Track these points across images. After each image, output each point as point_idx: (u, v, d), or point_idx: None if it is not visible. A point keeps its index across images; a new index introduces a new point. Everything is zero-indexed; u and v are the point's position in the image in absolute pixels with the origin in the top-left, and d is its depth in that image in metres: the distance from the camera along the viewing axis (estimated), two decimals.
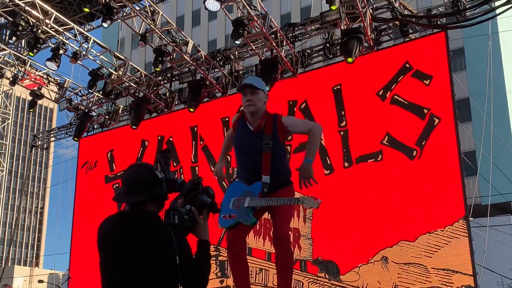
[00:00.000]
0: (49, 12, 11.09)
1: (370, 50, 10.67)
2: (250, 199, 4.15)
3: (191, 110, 11.96)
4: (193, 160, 12.70)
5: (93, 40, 11.74)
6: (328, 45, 11.12)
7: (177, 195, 2.82)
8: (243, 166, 4.42)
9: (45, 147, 17.08)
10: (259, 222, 4.57)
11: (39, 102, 14.11)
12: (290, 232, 4.41)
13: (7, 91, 26.03)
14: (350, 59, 9.92)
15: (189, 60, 11.50)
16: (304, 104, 11.33)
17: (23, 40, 12.68)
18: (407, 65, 10.26)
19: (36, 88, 13.60)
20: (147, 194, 2.62)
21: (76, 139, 14.02)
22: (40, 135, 17.08)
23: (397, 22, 10.43)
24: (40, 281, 33.56)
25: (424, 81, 10.00)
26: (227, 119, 12.41)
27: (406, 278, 9.36)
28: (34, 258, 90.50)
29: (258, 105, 4.33)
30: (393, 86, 10.29)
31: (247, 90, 4.33)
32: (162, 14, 10.95)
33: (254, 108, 4.32)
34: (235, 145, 4.49)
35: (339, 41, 10.66)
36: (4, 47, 12.52)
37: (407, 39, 10.59)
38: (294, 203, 4.11)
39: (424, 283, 9.20)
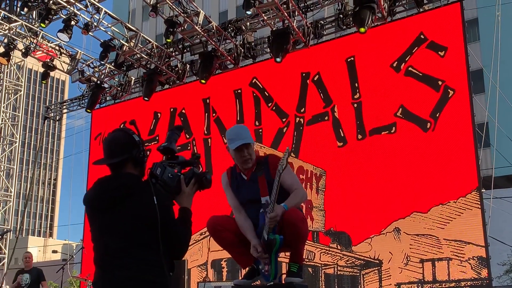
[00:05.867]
0: None
1: (383, 20, 10.55)
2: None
3: (203, 81, 11.94)
4: (205, 132, 12.72)
5: (105, 11, 11.68)
6: (341, 15, 10.99)
7: (171, 161, 2.90)
8: (250, 217, 4.23)
9: (57, 118, 17.17)
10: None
11: (51, 74, 14.14)
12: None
13: (19, 63, 26.03)
14: (362, 29, 9.82)
15: (200, 31, 11.43)
16: (317, 76, 11.27)
17: (35, 12, 12.63)
18: (422, 36, 10.14)
19: (48, 60, 13.62)
20: (124, 156, 2.70)
21: (89, 110, 14.08)
22: (53, 107, 17.14)
23: None
24: (54, 251, 34.08)
25: (439, 52, 9.89)
26: (239, 91, 12.39)
27: (418, 249, 9.41)
28: (48, 228, 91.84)
29: (253, 157, 4.21)
30: (408, 58, 10.19)
31: (244, 147, 4.14)
32: None
33: (251, 162, 4.20)
34: (238, 198, 4.34)
35: (352, 11, 10.54)
36: (16, 19, 12.50)
37: (422, 10, 10.45)
38: None
39: (436, 254, 9.25)
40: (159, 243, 2.55)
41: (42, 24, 11.32)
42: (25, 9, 11.56)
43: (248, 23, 11.97)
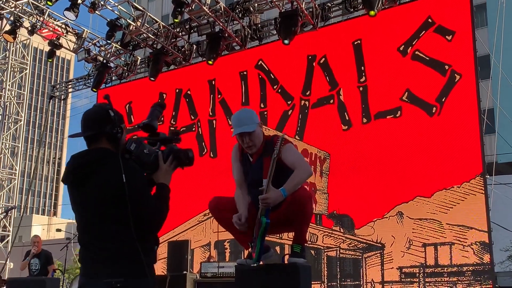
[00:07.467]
0: None
1: (393, 3, 10.47)
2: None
3: (210, 62, 11.89)
4: (210, 114, 12.73)
5: None
6: None
7: (152, 137, 2.92)
8: (253, 199, 4.19)
9: (63, 98, 17.17)
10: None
11: (57, 53, 14.11)
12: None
13: (25, 41, 26.00)
14: (372, 12, 9.75)
15: (208, 11, 11.37)
16: (324, 59, 11.23)
17: None
18: (430, 20, 10.07)
19: (54, 38, 13.58)
20: (97, 130, 2.69)
21: (94, 90, 14.06)
22: (58, 86, 17.12)
23: None
24: (58, 230, 34.35)
25: (447, 36, 9.83)
26: (245, 73, 12.36)
27: (420, 233, 9.45)
28: (52, 207, 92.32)
29: (257, 142, 4.14)
30: (415, 42, 10.14)
31: (245, 135, 4.10)
32: None
33: (255, 148, 4.15)
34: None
35: None
36: None
37: None
38: None
39: (439, 238, 9.28)
40: (129, 218, 2.53)
41: (48, 2, 11.28)
42: None
43: (256, 4, 11.88)
